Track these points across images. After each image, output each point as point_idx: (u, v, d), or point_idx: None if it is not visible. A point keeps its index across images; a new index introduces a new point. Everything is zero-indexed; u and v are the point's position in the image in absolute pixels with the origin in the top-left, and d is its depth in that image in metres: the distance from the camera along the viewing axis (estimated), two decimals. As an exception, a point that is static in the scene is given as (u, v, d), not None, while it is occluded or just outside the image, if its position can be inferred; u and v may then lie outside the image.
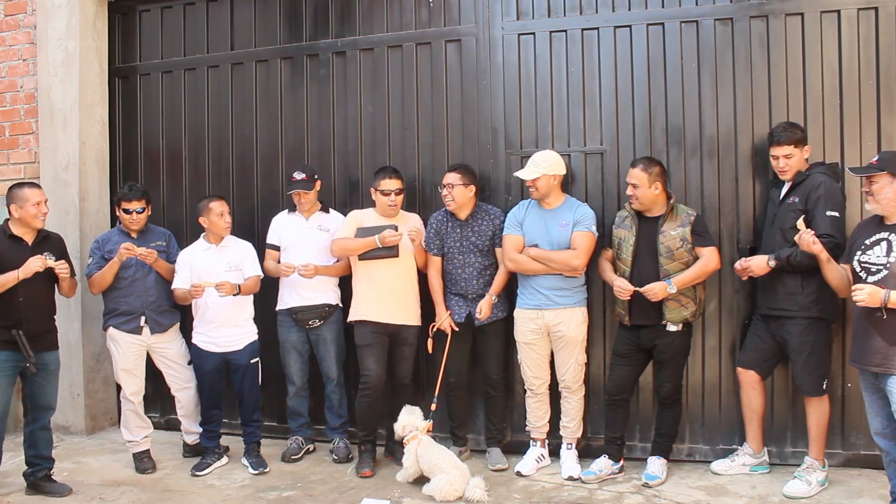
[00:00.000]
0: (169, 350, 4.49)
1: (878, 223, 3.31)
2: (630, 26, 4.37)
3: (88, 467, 4.50)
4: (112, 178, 5.38)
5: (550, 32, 4.50)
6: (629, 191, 3.96)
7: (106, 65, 5.38)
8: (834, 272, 3.45)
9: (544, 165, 4.09)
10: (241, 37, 5.14)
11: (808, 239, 3.47)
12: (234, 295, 4.25)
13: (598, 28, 4.42)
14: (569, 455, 4.22)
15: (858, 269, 3.30)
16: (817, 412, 3.84)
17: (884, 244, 3.23)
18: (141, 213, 4.41)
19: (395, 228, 4.17)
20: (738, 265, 3.92)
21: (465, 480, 3.83)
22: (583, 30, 4.44)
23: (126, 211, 4.37)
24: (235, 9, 5.15)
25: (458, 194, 4.23)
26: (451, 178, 4.25)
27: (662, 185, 3.94)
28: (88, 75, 5.22)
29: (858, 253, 3.32)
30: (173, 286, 4.38)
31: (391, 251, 4.18)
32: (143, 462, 4.44)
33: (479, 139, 4.62)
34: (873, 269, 3.23)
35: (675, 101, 4.31)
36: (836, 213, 3.69)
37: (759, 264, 3.82)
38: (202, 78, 5.21)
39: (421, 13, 4.78)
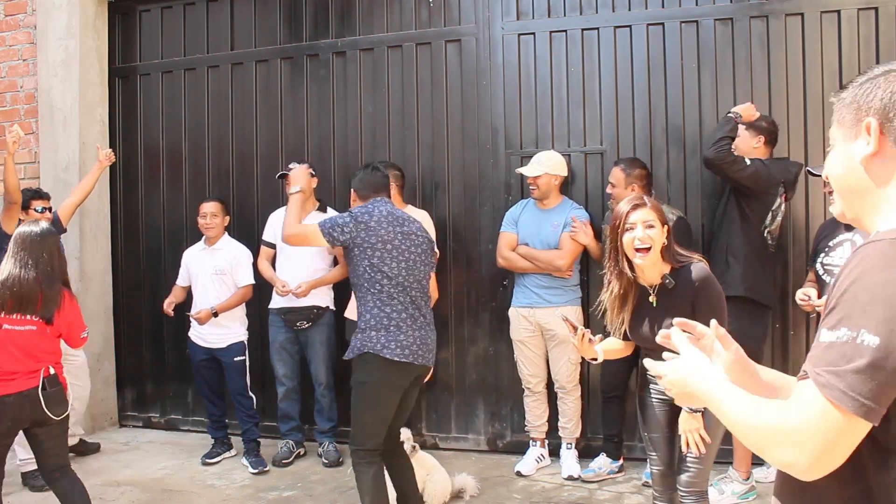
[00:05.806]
0: (77, 359, 4.34)
1: (842, 224, 3.23)
2: (630, 26, 4.37)
3: (88, 467, 4.49)
4: (112, 178, 5.36)
5: (550, 32, 4.50)
6: (608, 189, 4.00)
7: (106, 65, 5.37)
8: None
9: (548, 164, 4.12)
10: (241, 37, 5.13)
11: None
12: (215, 316, 4.34)
13: (598, 28, 4.42)
14: (568, 455, 4.22)
15: (821, 272, 3.24)
16: None
17: (847, 245, 3.17)
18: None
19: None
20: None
21: (448, 480, 3.81)
22: (583, 30, 4.44)
23: (37, 210, 4.24)
24: (235, 9, 5.14)
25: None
26: None
27: (641, 188, 3.83)
28: (88, 75, 5.22)
29: (822, 255, 3.27)
30: (177, 282, 4.62)
31: None
32: (38, 478, 3.81)
33: (479, 139, 4.62)
34: (835, 271, 3.19)
35: (675, 101, 4.30)
36: None
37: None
38: (202, 78, 5.21)
39: (421, 13, 4.78)
